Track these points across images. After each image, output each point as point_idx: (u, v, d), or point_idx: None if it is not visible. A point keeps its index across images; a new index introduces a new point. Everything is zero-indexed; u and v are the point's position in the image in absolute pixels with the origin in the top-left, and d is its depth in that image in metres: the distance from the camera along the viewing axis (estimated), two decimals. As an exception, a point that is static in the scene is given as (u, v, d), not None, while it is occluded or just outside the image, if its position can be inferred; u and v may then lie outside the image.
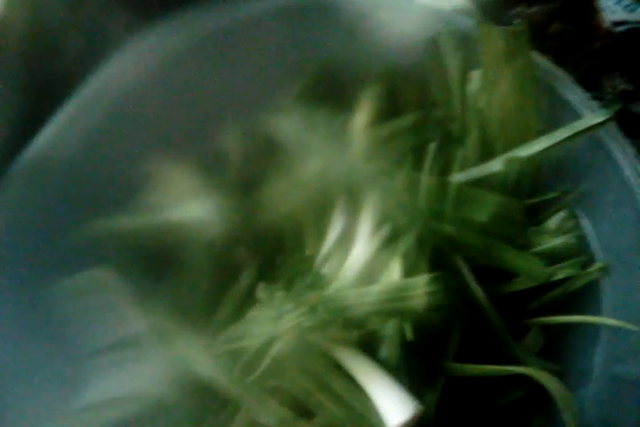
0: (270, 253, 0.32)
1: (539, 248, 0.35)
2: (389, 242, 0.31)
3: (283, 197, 0.32)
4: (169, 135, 0.34)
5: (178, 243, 0.31)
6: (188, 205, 0.32)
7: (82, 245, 0.31)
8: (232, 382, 0.29)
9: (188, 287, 0.31)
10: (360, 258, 0.31)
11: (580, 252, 0.35)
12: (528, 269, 0.35)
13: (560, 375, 0.33)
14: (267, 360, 0.29)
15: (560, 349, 0.35)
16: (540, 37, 0.45)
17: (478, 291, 0.34)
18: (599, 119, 0.33)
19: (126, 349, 0.30)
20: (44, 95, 0.37)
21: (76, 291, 0.30)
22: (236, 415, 0.30)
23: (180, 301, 0.31)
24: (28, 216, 0.31)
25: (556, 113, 0.35)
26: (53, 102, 0.35)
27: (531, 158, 0.35)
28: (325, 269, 0.31)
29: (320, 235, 0.32)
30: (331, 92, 0.38)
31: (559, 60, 0.37)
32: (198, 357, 0.30)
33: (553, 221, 0.36)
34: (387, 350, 0.30)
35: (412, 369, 0.30)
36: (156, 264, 0.32)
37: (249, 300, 0.31)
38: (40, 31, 0.39)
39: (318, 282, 0.30)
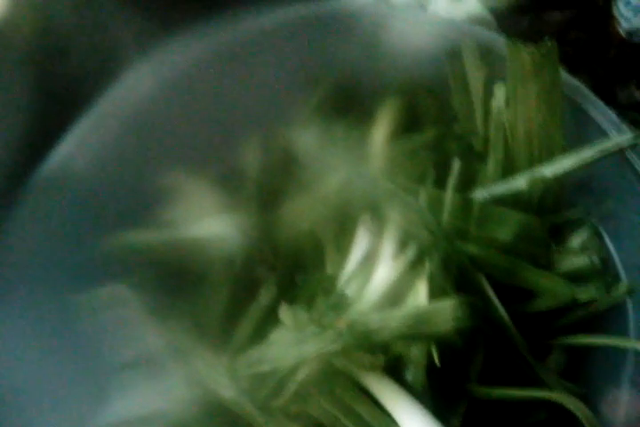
0: (290, 270, 0.32)
1: (562, 268, 0.35)
2: (414, 262, 0.31)
3: (302, 213, 0.31)
4: (186, 149, 0.33)
5: (197, 259, 0.30)
6: (207, 221, 0.31)
7: (100, 260, 0.30)
8: (255, 406, 0.29)
9: (207, 304, 0.31)
10: (384, 279, 0.30)
11: (603, 271, 0.35)
12: (552, 290, 0.34)
13: (584, 398, 0.33)
14: (292, 385, 0.28)
15: (585, 371, 0.35)
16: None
17: (502, 312, 0.33)
18: (627, 141, 0.33)
19: (147, 366, 0.30)
20: (52, 97, 0.36)
21: (96, 306, 0.30)
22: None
23: (198, 318, 0.30)
24: (46, 231, 0.30)
25: (582, 131, 0.34)
26: (62, 105, 0.34)
27: (555, 177, 0.34)
28: (348, 290, 0.30)
29: (341, 253, 0.31)
30: (349, 105, 0.37)
31: (574, 69, 0.37)
32: (220, 379, 0.29)
33: (576, 240, 0.36)
34: (412, 374, 0.30)
35: (437, 393, 0.30)
36: (175, 280, 0.31)
37: (269, 319, 0.31)
38: (46, 33, 0.38)
39: (341, 304, 0.29)
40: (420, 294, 0.30)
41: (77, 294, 0.31)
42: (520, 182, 0.35)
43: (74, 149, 0.32)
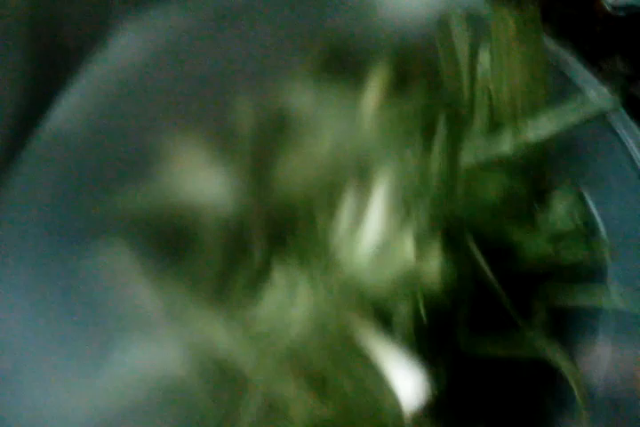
0: (282, 230, 0.32)
1: (546, 231, 0.36)
2: (402, 221, 0.31)
3: (294, 173, 0.32)
4: (180, 110, 0.33)
5: (191, 219, 0.31)
6: (200, 181, 0.31)
7: (98, 223, 0.31)
8: (251, 364, 0.29)
9: (201, 265, 0.31)
10: (373, 237, 0.31)
11: (586, 234, 0.36)
12: (535, 250, 0.35)
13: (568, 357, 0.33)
14: (286, 342, 0.29)
15: (566, 331, 0.35)
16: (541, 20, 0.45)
17: (487, 271, 0.34)
18: (609, 103, 0.33)
19: (146, 326, 0.30)
20: (45, 64, 0.36)
21: (95, 267, 0.30)
22: (252, 396, 0.30)
23: (193, 278, 0.31)
24: (44, 194, 0.31)
25: (565, 96, 0.35)
26: (55, 70, 0.34)
27: (538, 140, 0.35)
28: (338, 249, 0.31)
29: (332, 213, 0.32)
30: (341, 68, 0.37)
31: (560, 43, 0.37)
32: (217, 337, 0.30)
33: (560, 205, 0.36)
34: (400, 331, 0.30)
35: (424, 348, 0.31)
36: (170, 241, 0.31)
37: (262, 278, 0.31)
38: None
39: (332, 262, 0.30)
40: (407, 252, 0.31)
41: (77, 256, 0.31)
42: (504, 146, 0.35)
43: (68, 113, 0.33)
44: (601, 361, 0.33)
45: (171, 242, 0.31)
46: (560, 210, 0.36)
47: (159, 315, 0.31)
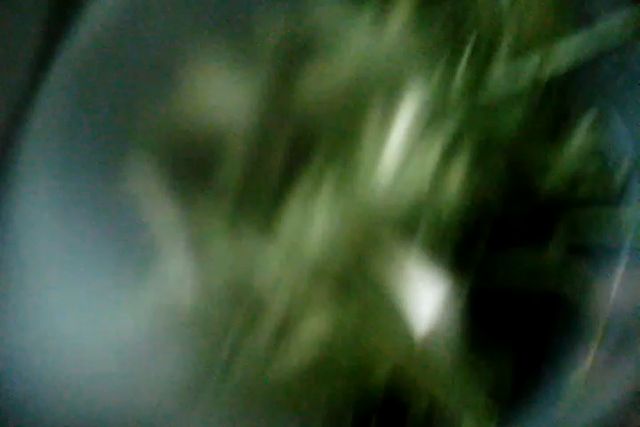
0: (305, 146, 0.32)
1: (569, 147, 0.35)
2: (426, 139, 0.31)
3: (319, 88, 0.31)
4: (204, 24, 0.32)
5: (212, 137, 0.31)
6: (222, 95, 0.31)
7: (119, 143, 0.31)
8: (272, 280, 0.30)
9: (223, 185, 0.31)
10: (397, 153, 0.30)
11: (610, 151, 0.35)
12: (559, 173, 0.34)
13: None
14: (307, 258, 0.29)
15: (585, 257, 0.35)
16: None
17: (509, 188, 0.33)
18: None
19: (168, 248, 0.31)
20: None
21: (122, 189, 0.30)
22: (271, 316, 0.30)
23: (215, 199, 0.31)
24: (65, 115, 0.30)
25: (593, 19, 0.34)
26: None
27: (564, 57, 0.34)
28: (362, 164, 0.31)
29: (356, 129, 0.31)
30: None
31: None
32: (239, 255, 0.30)
33: (584, 121, 0.36)
34: (421, 247, 0.30)
35: (444, 267, 0.31)
36: (191, 162, 0.31)
37: (284, 195, 0.31)
38: None
39: (356, 177, 0.30)
40: (431, 168, 0.31)
41: (102, 178, 0.31)
42: (530, 64, 0.34)
43: (90, 28, 0.32)
44: (614, 287, 0.33)
45: (192, 162, 0.31)
46: (584, 126, 0.35)
47: (182, 238, 0.31)
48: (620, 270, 0.33)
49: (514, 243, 0.34)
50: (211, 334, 0.31)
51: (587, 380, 0.32)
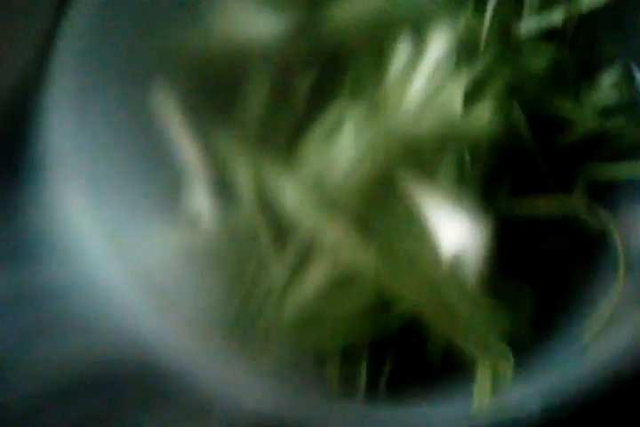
0: (331, 72, 0.32)
1: (592, 102, 0.35)
2: (453, 75, 0.31)
3: (348, 16, 0.31)
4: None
5: (238, 61, 0.31)
6: (249, 18, 0.31)
7: (145, 65, 0.31)
8: (296, 206, 0.29)
9: (248, 109, 0.31)
10: (422, 87, 0.31)
11: (634, 107, 0.35)
12: (581, 120, 0.34)
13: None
14: (330, 185, 0.29)
15: (607, 202, 0.35)
16: None
17: (530, 138, 0.33)
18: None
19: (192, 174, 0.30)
20: None
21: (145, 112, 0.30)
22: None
23: (239, 124, 0.31)
24: (96, 35, 0.30)
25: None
26: None
27: (590, 11, 0.35)
28: (387, 94, 0.31)
29: (384, 58, 0.31)
30: None
31: None
32: (263, 182, 0.30)
33: (608, 76, 0.36)
34: (444, 180, 0.30)
35: (466, 200, 0.31)
36: (217, 86, 0.31)
37: (308, 121, 0.31)
38: None
39: (380, 106, 0.30)
40: (456, 104, 0.31)
41: (129, 104, 0.31)
42: (556, 15, 0.35)
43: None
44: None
45: (217, 89, 0.31)
46: (607, 82, 0.36)
47: (205, 165, 0.31)
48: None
49: (539, 187, 0.34)
50: (233, 262, 0.31)
51: (607, 323, 0.31)
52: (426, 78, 0.31)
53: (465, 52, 0.32)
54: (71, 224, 0.29)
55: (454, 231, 0.30)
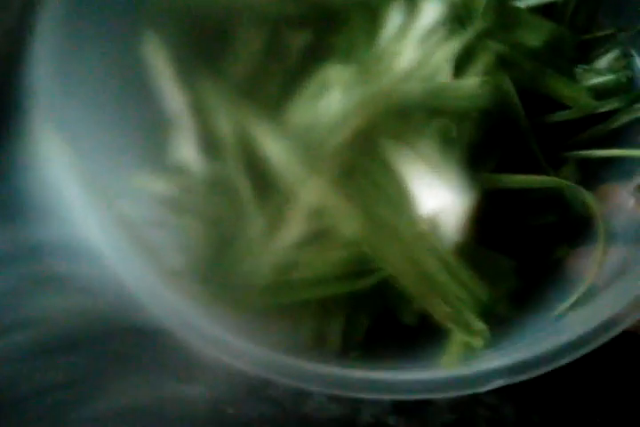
0: (323, 28, 0.32)
1: (587, 82, 0.35)
2: (445, 40, 0.31)
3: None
4: None
5: (228, 13, 0.31)
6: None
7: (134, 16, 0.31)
8: (283, 161, 0.29)
9: (238, 61, 0.31)
10: (413, 54, 0.31)
11: (628, 89, 0.35)
12: (574, 99, 0.34)
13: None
14: (335, 141, 0.29)
15: (597, 184, 0.35)
16: None
17: (521, 111, 0.33)
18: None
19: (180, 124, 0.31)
20: None
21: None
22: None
23: (229, 76, 0.31)
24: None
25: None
26: None
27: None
28: (378, 54, 0.31)
29: (375, 27, 0.31)
30: None
31: None
32: (250, 135, 0.30)
33: (604, 59, 0.36)
34: (431, 145, 0.30)
35: (452, 167, 0.30)
36: (207, 38, 0.31)
37: (298, 78, 0.31)
38: None
39: (371, 66, 0.30)
40: (444, 72, 0.31)
41: (118, 52, 0.31)
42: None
43: None
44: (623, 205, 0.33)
45: (208, 38, 0.31)
46: (603, 64, 0.36)
47: (194, 111, 0.31)
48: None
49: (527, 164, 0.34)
50: (214, 212, 0.31)
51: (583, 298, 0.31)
52: (417, 44, 0.31)
53: (459, 20, 0.32)
54: (53, 172, 0.29)
55: (435, 198, 0.30)
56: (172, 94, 0.31)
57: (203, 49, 0.31)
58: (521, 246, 0.34)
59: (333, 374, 0.29)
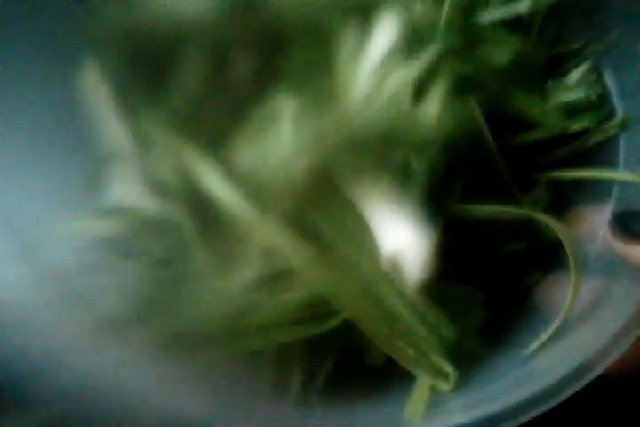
0: (273, 54, 0.29)
1: (556, 100, 0.33)
2: (404, 65, 0.29)
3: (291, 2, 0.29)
4: None
5: (172, 38, 0.28)
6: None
7: (76, 42, 0.28)
8: (248, 204, 0.27)
9: (181, 92, 0.29)
10: (371, 75, 0.28)
11: (599, 107, 0.33)
12: (543, 119, 0.32)
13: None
14: (287, 179, 0.27)
15: (569, 207, 0.33)
16: None
17: (487, 135, 0.31)
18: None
19: (122, 159, 0.28)
20: None
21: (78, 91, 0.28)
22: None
23: (172, 108, 0.28)
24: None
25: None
26: None
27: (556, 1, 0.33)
28: (333, 82, 0.28)
29: (328, 51, 0.29)
30: None
31: None
32: (210, 174, 0.27)
33: (574, 74, 0.34)
34: (391, 180, 0.28)
35: (415, 201, 0.28)
36: (149, 66, 0.29)
37: (247, 108, 0.29)
38: None
39: (325, 97, 0.28)
40: (403, 98, 0.29)
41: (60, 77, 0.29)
42: (522, 5, 0.33)
43: None
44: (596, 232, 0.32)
45: (150, 66, 0.29)
46: (573, 79, 0.34)
47: (134, 148, 0.28)
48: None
49: (491, 193, 0.32)
50: (155, 254, 0.29)
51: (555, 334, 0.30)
52: (372, 68, 0.29)
53: (418, 40, 0.30)
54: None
55: (396, 234, 0.28)
56: (112, 127, 0.29)
57: (144, 78, 0.29)
58: (488, 275, 0.32)
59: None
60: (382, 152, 0.28)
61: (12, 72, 0.28)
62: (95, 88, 0.29)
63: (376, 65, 0.29)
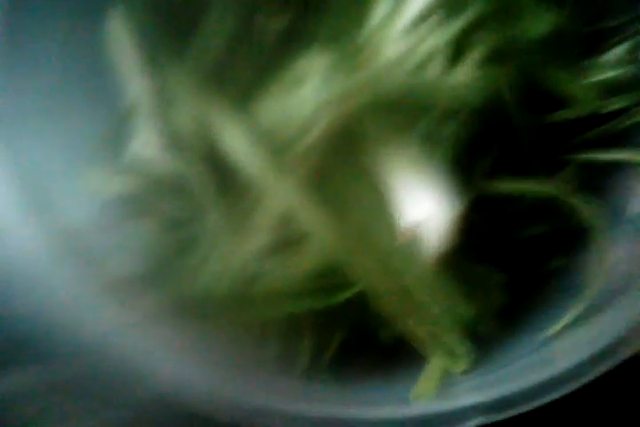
0: (302, 14, 0.28)
1: (594, 77, 0.32)
2: (439, 29, 0.28)
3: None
4: None
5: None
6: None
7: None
8: (266, 160, 0.26)
9: (208, 47, 0.28)
10: (401, 41, 0.27)
11: (638, 87, 0.32)
12: (578, 96, 0.31)
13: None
14: (307, 139, 0.26)
15: (601, 191, 0.32)
16: None
17: (518, 110, 0.30)
18: None
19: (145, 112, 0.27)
20: None
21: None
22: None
23: (197, 62, 0.28)
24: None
25: None
26: None
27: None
28: (365, 40, 0.27)
29: (363, 6, 0.28)
30: None
31: None
32: (229, 128, 0.26)
33: (614, 52, 0.33)
34: (414, 147, 0.27)
35: (441, 174, 0.27)
36: (176, 18, 0.28)
37: (275, 65, 0.28)
38: None
39: (356, 53, 0.27)
40: (434, 64, 0.28)
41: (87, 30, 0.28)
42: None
43: None
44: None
45: (176, 19, 0.28)
46: (614, 57, 0.32)
47: (157, 102, 0.28)
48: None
49: (520, 172, 0.31)
50: (171, 214, 0.28)
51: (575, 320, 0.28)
52: (404, 32, 0.28)
53: (454, 5, 0.28)
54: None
55: (418, 205, 0.27)
56: (135, 78, 0.28)
57: (170, 30, 0.28)
58: (511, 257, 0.31)
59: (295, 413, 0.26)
60: (408, 117, 0.27)
61: (37, 23, 0.27)
62: (120, 40, 0.28)
63: (409, 28, 0.27)
